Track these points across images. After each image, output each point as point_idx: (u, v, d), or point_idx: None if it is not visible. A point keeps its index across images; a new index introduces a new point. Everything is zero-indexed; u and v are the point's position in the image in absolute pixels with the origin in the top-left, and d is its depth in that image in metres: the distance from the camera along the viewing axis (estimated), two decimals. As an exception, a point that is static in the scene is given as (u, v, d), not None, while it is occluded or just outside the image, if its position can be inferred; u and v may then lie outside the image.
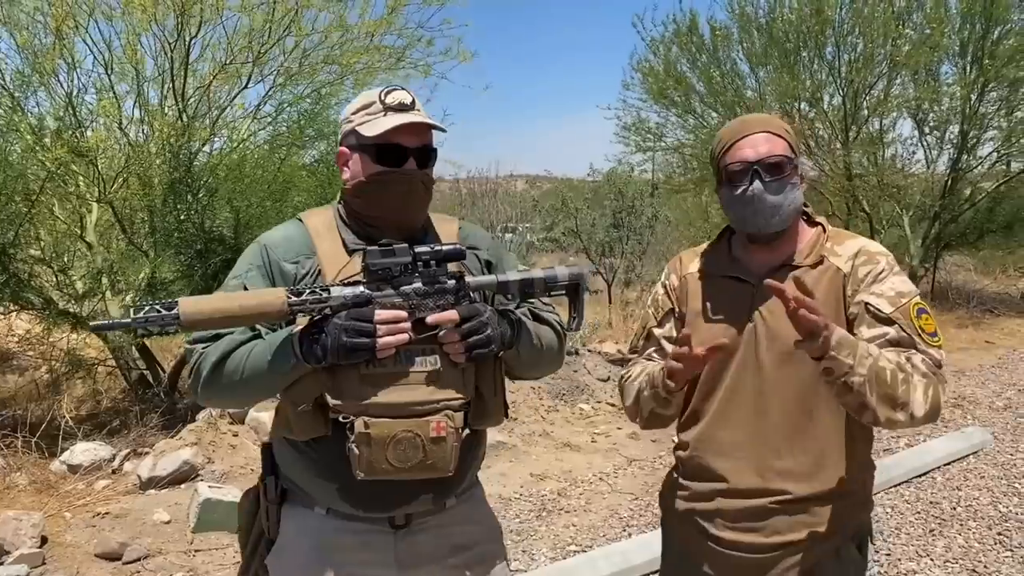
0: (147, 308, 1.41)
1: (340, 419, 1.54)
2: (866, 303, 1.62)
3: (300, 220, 1.74)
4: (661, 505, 1.92)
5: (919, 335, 1.58)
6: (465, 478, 1.73)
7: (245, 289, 1.60)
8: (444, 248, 1.59)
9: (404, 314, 1.54)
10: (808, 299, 1.42)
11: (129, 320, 1.41)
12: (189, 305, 1.44)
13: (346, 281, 1.57)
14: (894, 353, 1.56)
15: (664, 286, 1.89)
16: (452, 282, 1.60)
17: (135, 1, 5.93)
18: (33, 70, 6.01)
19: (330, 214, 1.74)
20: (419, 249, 1.58)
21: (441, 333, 1.56)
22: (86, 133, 6.16)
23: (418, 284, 1.58)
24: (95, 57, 6.34)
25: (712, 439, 1.74)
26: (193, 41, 6.40)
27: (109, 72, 6.34)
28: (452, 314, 1.56)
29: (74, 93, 6.22)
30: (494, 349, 1.60)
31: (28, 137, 5.82)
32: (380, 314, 1.51)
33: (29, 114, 6.03)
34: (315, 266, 1.65)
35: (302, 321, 1.54)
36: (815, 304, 1.43)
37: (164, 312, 1.41)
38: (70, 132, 6.02)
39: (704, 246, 1.89)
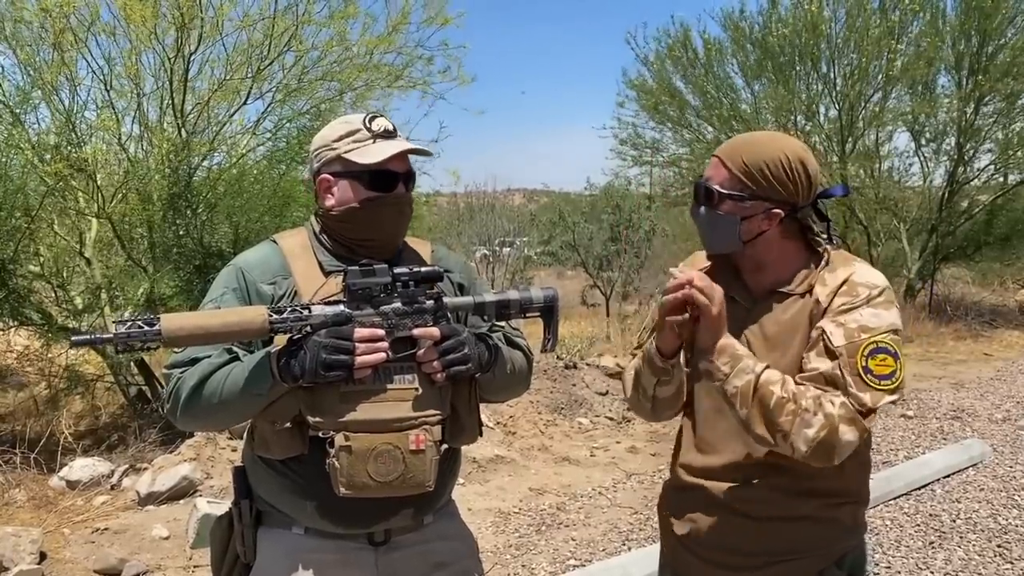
0: (129, 324, 1.41)
1: (320, 435, 1.55)
2: (823, 330, 1.56)
3: (275, 242, 1.75)
4: (659, 518, 1.93)
5: (860, 376, 1.50)
6: (443, 495, 1.75)
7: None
8: (423, 269, 1.62)
9: (382, 332, 1.55)
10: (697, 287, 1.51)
11: (111, 335, 1.41)
12: (171, 321, 1.44)
13: (326, 300, 1.58)
14: (805, 386, 1.52)
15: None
16: (430, 302, 1.62)
17: (135, 14, 5.96)
18: (34, 86, 6.05)
19: (304, 236, 1.75)
20: (398, 270, 1.60)
21: (420, 352, 1.58)
22: (85, 148, 6.18)
23: (397, 304, 1.59)
24: (94, 73, 6.39)
25: (697, 455, 1.75)
26: (192, 57, 6.45)
27: (108, 88, 6.37)
28: (434, 330, 1.58)
29: (74, 109, 6.26)
30: (471, 368, 1.61)
31: (28, 152, 5.85)
32: (359, 332, 1.53)
33: (30, 130, 6.06)
34: (292, 287, 1.66)
35: (280, 340, 1.56)
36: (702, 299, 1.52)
37: (146, 328, 1.41)
38: (69, 148, 6.05)
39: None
